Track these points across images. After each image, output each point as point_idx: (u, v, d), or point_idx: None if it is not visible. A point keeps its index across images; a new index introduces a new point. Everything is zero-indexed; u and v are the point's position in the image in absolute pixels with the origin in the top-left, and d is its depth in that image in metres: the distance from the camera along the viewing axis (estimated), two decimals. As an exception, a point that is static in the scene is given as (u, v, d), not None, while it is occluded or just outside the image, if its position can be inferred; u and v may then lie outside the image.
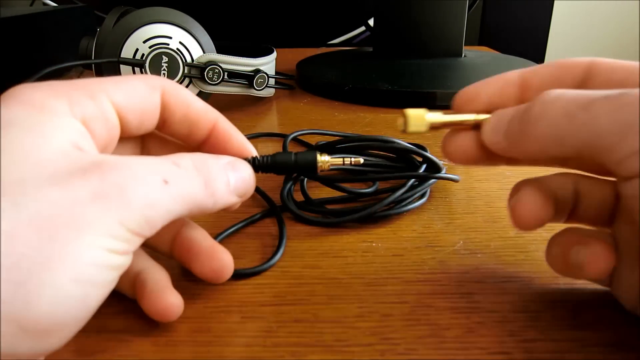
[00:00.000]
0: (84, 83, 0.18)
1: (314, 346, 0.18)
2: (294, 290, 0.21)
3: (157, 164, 0.17)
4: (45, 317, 0.14)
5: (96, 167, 0.16)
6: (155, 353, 0.18)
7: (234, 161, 0.20)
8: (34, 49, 0.55)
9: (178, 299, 0.19)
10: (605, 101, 0.15)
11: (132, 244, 0.16)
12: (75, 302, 0.14)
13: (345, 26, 0.84)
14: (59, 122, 0.16)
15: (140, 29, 0.40)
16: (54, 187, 0.15)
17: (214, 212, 0.19)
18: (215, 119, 0.21)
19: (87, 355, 0.18)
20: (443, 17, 0.56)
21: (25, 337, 0.14)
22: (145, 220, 0.16)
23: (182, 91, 0.21)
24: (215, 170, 0.19)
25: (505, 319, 0.19)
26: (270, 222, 0.27)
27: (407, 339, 0.18)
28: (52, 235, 0.14)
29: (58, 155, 0.16)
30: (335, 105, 0.50)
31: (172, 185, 0.17)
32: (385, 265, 0.23)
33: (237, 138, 0.22)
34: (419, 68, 0.55)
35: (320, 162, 0.22)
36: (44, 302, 0.14)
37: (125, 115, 0.19)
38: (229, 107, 0.49)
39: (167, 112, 0.20)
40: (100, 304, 0.16)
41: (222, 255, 0.20)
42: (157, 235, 0.18)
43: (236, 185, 0.19)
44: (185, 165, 0.18)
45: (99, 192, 0.15)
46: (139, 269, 0.20)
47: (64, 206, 0.14)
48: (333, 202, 0.29)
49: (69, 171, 0.15)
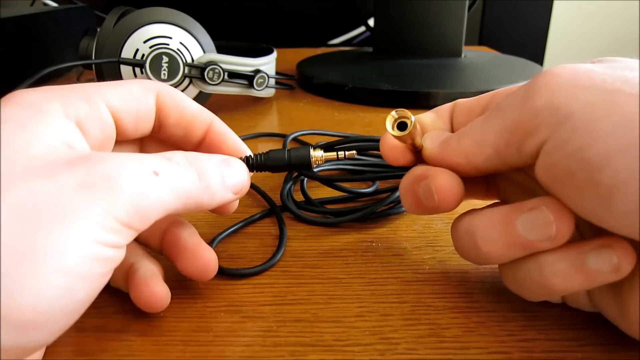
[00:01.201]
0: (80, 87, 0.19)
1: (313, 346, 0.18)
2: (293, 290, 0.21)
3: (148, 157, 0.17)
4: (28, 308, 0.13)
5: (84, 159, 0.16)
6: (155, 353, 0.18)
7: (227, 158, 0.20)
8: (34, 49, 0.55)
9: (164, 288, 0.19)
10: (504, 100, 0.18)
11: (124, 237, 0.16)
12: (61, 294, 0.14)
13: (345, 26, 0.84)
14: (51, 122, 0.17)
15: (141, 29, 0.40)
16: (40, 179, 0.15)
17: (212, 208, 0.19)
18: (210, 121, 0.22)
19: (87, 355, 0.18)
20: (443, 17, 0.56)
21: (9, 329, 0.13)
22: (135, 211, 0.16)
23: (176, 94, 0.21)
24: (209, 164, 0.19)
25: (504, 319, 0.19)
26: (270, 222, 0.27)
27: (407, 339, 0.18)
28: (35, 225, 0.14)
29: (48, 151, 0.16)
30: (335, 105, 0.50)
31: (162, 177, 0.17)
32: (385, 265, 0.23)
33: (232, 139, 0.22)
34: (419, 68, 0.55)
35: (314, 157, 0.22)
36: (26, 293, 0.13)
37: (121, 117, 0.19)
38: (229, 107, 0.49)
39: (162, 114, 0.21)
40: (93, 297, 0.16)
41: (206, 253, 0.20)
42: (148, 230, 0.17)
43: (230, 181, 0.19)
44: (177, 159, 0.18)
45: (85, 181, 0.15)
46: (131, 262, 0.20)
47: (49, 196, 0.14)
48: (333, 202, 0.29)
49: (56, 164, 0.15)
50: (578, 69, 0.16)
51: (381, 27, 0.59)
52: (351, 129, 0.42)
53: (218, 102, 0.49)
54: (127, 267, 0.20)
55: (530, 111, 0.16)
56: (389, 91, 0.48)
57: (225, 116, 0.48)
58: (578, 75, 0.16)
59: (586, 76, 0.16)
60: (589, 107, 0.15)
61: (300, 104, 0.51)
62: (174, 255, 0.21)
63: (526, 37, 0.86)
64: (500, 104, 0.18)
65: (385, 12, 0.58)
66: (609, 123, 0.14)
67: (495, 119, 0.18)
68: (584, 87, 0.15)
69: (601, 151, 0.14)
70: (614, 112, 0.14)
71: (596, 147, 0.14)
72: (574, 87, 0.16)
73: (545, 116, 0.16)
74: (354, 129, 0.42)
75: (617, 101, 0.15)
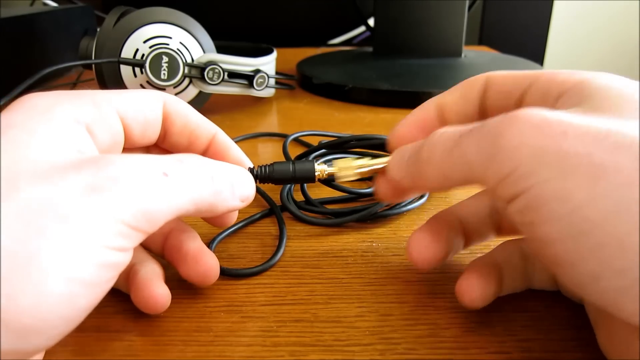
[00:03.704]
0: (90, 93, 0.19)
1: (313, 346, 0.18)
2: (294, 290, 0.21)
3: (158, 158, 0.17)
4: (28, 313, 0.13)
5: (91, 162, 0.15)
6: (155, 353, 0.18)
7: (236, 167, 0.20)
8: (34, 49, 0.55)
9: (165, 290, 0.19)
10: (470, 134, 0.16)
11: (131, 240, 0.15)
12: (62, 301, 0.14)
13: (345, 26, 0.84)
14: (61, 126, 0.17)
15: (141, 29, 0.40)
16: (46, 182, 0.14)
17: (222, 213, 0.19)
18: (215, 132, 0.22)
19: (87, 355, 0.18)
20: (443, 17, 0.56)
21: (7, 334, 0.13)
22: (143, 214, 0.15)
23: (182, 104, 0.21)
24: (220, 170, 0.19)
25: (504, 319, 0.19)
26: (270, 222, 0.27)
27: (407, 339, 0.18)
28: (39, 229, 0.14)
29: (56, 155, 0.16)
30: (335, 105, 0.50)
31: (172, 178, 0.16)
32: (385, 265, 0.23)
33: (235, 151, 0.22)
34: (419, 68, 0.55)
35: (318, 171, 0.22)
36: (27, 297, 0.13)
37: (129, 124, 0.19)
38: (229, 107, 0.49)
39: (167, 122, 0.21)
40: (95, 304, 0.15)
41: (208, 259, 0.20)
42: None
43: (239, 190, 0.20)
44: (189, 162, 0.18)
45: (92, 185, 0.15)
46: (133, 262, 0.20)
47: (55, 200, 0.14)
48: (333, 202, 0.29)
49: (63, 167, 0.15)
50: (548, 130, 0.14)
51: (381, 27, 0.59)
52: (351, 129, 0.42)
53: (218, 102, 0.49)
54: (129, 269, 0.20)
55: (494, 176, 0.15)
56: (389, 91, 0.48)
57: (225, 116, 0.48)
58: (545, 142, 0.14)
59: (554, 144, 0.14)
60: (544, 186, 0.14)
61: (300, 104, 0.51)
62: (175, 260, 0.21)
63: (526, 37, 0.86)
64: (462, 138, 0.16)
65: (385, 12, 0.58)
66: (558, 209, 0.14)
67: (460, 163, 0.16)
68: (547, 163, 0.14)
69: (545, 234, 0.14)
70: (566, 198, 0.13)
71: (541, 229, 0.14)
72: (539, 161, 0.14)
73: (506, 186, 0.15)
74: (354, 129, 0.42)
75: (570, 187, 0.13)
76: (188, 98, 0.43)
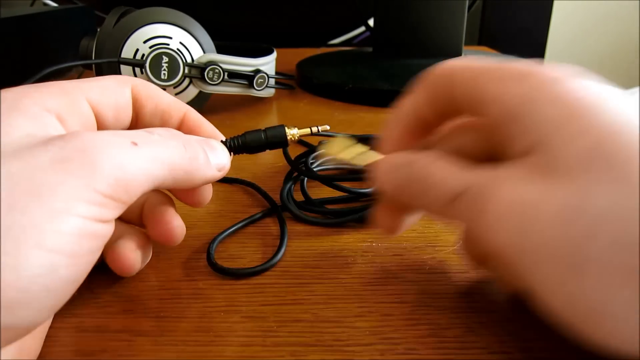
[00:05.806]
0: (58, 83, 0.19)
1: (314, 346, 0.18)
2: (294, 290, 0.21)
3: (127, 132, 0.18)
4: (12, 286, 0.13)
5: (58, 138, 0.16)
6: (155, 353, 0.18)
7: (207, 139, 0.21)
8: (34, 49, 0.55)
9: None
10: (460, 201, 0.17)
11: (110, 210, 0.16)
12: (43, 272, 0.14)
13: (345, 26, 0.84)
14: (29, 114, 0.17)
15: (141, 29, 0.40)
16: (15, 160, 0.15)
17: (200, 183, 0.20)
18: (185, 110, 0.23)
19: (87, 355, 0.18)
20: (443, 17, 0.56)
21: None
22: (117, 182, 0.16)
23: (150, 86, 0.22)
24: (192, 139, 0.20)
25: (505, 319, 0.19)
26: (270, 221, 0.27)
27: (407, 339, 0.18)
28: (11, 205, 0.14)
29: (24, 138, 0.16)
30: (335, 105, 0.50)
31: (142, 147, 0.17)
32: (386, 265, 0.23)
33: (208, 126, 0.23)
34: (419, 68, 0.54)
35: (290, 134, 0.23)
36: (8, 270, 0.13)
37: (100, 110, 0.20)
38: (229, 107, 0.49)
39: (138, 104, 0.22)
40: (81, 276, 0.16)
41: (171, 219, 0.21)
42: (133, 206, 0.19)
43: (214, 159, 0.20)
44: (159, 132, 0.18)
45: (60, 157, 0.15)
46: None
47: (24, 175, 0.14)
48: (333, 202, 0.29)
49: (32, 145, 0.15)
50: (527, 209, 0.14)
51: (381, 27, 0.59)
52: (351, 129, 0.42)
53: (218, 102, 0.49)
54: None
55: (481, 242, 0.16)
56: (389, 91, 0.48)
57: (225, 116, 0.48)
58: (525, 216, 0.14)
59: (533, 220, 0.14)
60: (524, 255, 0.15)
61: (300, 104, 0.51)
62: (145, 222, 0.22)
63: (526, 37, 0.86)
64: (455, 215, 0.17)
65: (385, 12, 0.58)
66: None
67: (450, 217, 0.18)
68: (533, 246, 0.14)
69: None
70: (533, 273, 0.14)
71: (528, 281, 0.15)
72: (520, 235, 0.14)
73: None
74: (354, 129, 0.42)
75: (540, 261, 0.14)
76: (188, 98, 0.43)
